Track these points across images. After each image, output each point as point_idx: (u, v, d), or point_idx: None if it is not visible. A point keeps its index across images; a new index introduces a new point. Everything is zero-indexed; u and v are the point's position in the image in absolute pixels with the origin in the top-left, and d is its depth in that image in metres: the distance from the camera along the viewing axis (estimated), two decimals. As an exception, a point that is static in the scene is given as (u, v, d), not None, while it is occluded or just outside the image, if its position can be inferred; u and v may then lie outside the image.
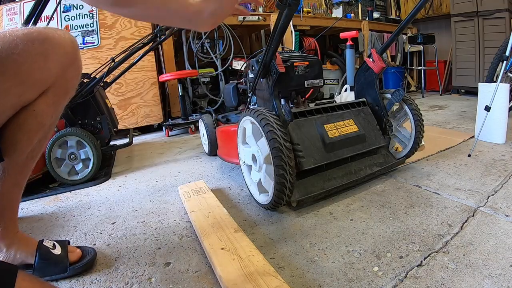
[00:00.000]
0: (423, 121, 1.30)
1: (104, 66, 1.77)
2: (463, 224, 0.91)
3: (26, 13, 1.29)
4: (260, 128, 0.99)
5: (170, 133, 2.65)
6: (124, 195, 1.34)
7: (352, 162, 1.23)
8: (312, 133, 1.14)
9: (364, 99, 1.39)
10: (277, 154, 0.93)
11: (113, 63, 1.77)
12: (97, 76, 1.70)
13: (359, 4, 4.19)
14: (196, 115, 2.63)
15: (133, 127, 2.63)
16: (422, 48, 3.99)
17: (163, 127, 2.70)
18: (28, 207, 1.32)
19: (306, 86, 1.26)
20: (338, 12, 4.08)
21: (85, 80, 1.71)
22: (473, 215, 0.95)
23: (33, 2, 1.22)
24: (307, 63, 1.26)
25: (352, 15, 4.05)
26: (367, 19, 4.12)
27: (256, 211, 1.09)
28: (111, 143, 2.05)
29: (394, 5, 4.71)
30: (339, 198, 1.14)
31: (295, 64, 1.22)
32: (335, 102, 1.39)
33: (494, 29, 3.35)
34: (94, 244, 0.95)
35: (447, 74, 4.19)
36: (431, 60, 4.19)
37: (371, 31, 3.91)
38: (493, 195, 1.08)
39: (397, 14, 4.68)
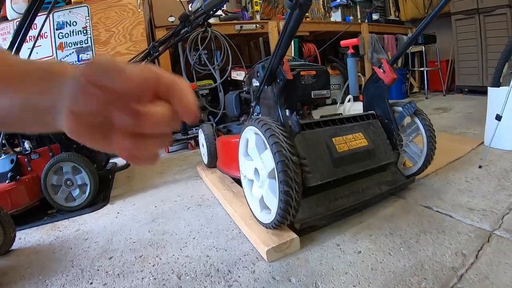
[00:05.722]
0: (435, 137, 1.23)
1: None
2: (478, 252, 0.85)
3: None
4: (265, 139, 0.91)
5: (170, 149, 2.60)
6: (122, 224, 1.30)
7: (359, 180, 1.14)
8: (319, 147, 1.05)
9: (373, 112, 1.30)
10: (282, 169, 0.85)
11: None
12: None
13: (358, 7, 4.13)
14: (196, 129, 2.58)
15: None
16: (423, 48, 3.91)
17: (163, 142, 2.65)
18: (26, 237, 1.28)
19: (313, 96, 1.19)
20: (336, 16, 4.03)
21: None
22: (488, 241, 0.90)
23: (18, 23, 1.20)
24: (314, 72, 1.19)
25: (351, 17, 3.99)
26: (366, 21, 4.06)
27: (259, 241, 1.03)
28: (111, 161, 2.01)
29: (393, 6, 4.64)
30: (346, 225, 1.08)
31: (301, 73, 1.16)
32: (341, 114, 1.32)
33: (495, 26, 3.28)
34: (91, 283, 0.91)
35: (450, 74, 4.11)
36: (433, 60, 4.11)
37: (371, 33, 3.85)
38: (507, 213, 1.03)
39: (396, 15, 4.61)
